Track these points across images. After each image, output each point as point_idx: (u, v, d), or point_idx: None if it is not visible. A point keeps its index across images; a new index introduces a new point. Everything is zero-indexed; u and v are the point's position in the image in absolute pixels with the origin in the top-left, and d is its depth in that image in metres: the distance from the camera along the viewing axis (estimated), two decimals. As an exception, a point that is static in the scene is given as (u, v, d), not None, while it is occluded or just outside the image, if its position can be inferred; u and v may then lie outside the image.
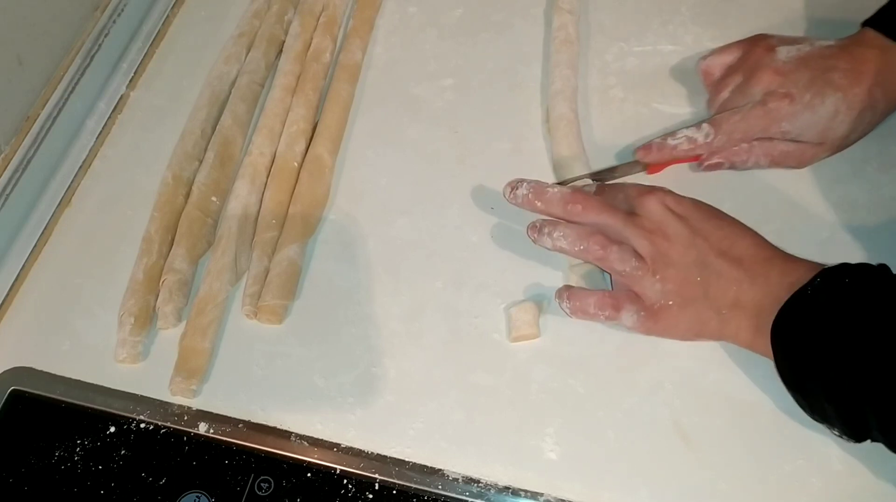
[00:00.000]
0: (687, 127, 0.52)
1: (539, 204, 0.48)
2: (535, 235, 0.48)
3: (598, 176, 0.54)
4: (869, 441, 0.41)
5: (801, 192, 0.53)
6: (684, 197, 0.47)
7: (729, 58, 0.55)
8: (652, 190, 0.47)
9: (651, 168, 0.54)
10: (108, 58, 0.61)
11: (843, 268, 0.42)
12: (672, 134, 0.52)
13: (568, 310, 0.48)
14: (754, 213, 0.48)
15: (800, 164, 0.53)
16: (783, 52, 0.51)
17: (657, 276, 0.46)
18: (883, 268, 0.42)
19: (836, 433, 0.42)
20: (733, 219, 0.47)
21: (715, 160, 0.53)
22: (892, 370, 0.38)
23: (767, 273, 0.44)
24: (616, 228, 0.46)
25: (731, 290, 0.45)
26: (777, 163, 0.53)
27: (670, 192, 0.47)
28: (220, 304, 0.50)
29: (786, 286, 0.43)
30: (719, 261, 0.45)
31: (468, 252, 0.53)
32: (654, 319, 0.46)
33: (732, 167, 0.53)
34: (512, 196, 0.49)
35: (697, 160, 0.54)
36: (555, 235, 0.47)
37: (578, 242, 0.47)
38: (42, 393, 0.48)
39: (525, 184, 0.48)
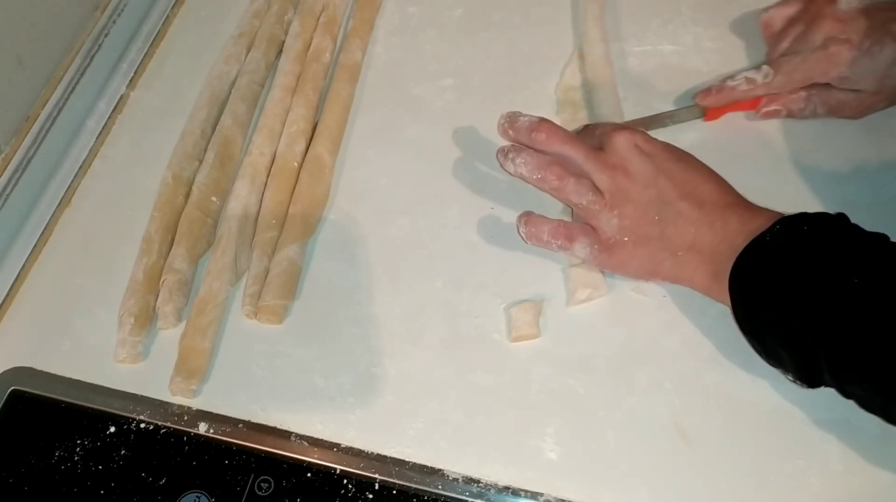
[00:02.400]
0: (746, 69, 0.54)
1: (511, 132, 0.49)
2: (502, 159, 0.49)
3: (655, 119, 0.55)
4: (822, 386, 0.42)
5: (801, 192, 0.53)
6: (655, 139, 0.48)
7: (790, 10, 0.56)
8: (624, 127, 0.48)
9: (709, 114, 0.55)
10: (108, 58, 0.61)
11: (802, 216, 0.42)
12: (731, 76, 0.54)
13: (524, 236, 0.48)
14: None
15: (856, 114, 0.54)
16: (844, 3, 0.52)
17: (614, 212, 0.46)
18: (841, 216, 0.42)
19: (790, 378, 0.43)
20: (702, 164, 0.47)
21: (773, 107, 0.54)
22: (845, 317, 0.38)
23: (726, 218, 0.44)
24: (578, 161, 0.47)
25: (689, 233, 0.45)
26: (834, 112, 0.54)
27: (643, 132, 0.48)
28: (220, 304, 0.50)
29: (744, 233, 0.43)
30: (680, 203, 0.45)
31: (468, 252, 0.53)
32: (608, 253, 0.47)
33: (790, 115, 0.54)
34: (497, 127, 0.50)
35: (755, 107, 0.55)
36: (517, 161, 0.48)
37: (536, 171, 0.47)
38: (42, 393, 0.48)
39: (505, 114, 0.50)
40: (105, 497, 0.44)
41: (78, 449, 0.46)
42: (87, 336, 0.50)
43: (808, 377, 0.41)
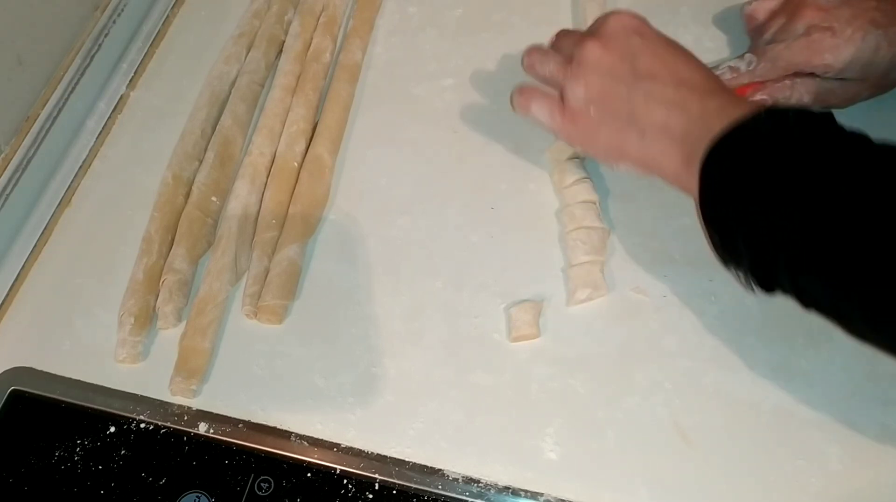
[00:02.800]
0: (729, 59, 0.54)
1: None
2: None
3: None
4: (776, 289, 0.40)
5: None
6: (652, 28, 0.47)
7: (773, 2, 0.56)
8: (622, 11, 0.47)
9: None
10: (108, 58, 0.61)
11: (788, 109, 0.41)
12: (715, 66, 0.53)
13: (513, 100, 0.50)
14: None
15: (843, 103, 0.53)
16: None
17: (580, 81, 0.45)
18: (828, 115, 0.40)
19: (742, 278, 0.41)
20: (696, 58, 0.46)
21: (758, 96, 0.54)
22: (814, 210, 0.37)
23: (705, 102, 0.42)
24: (559, 44, 0.49)
25: (660, 112, 0.43)
26: (821, 101, 0.53)
27: (642, 18, 0.47)
28: (220, 304, 0.50)
29: (723, 118, 0.41)
30: (655, 82, 0.44)
31: (468, 252, 0.53)
32: (571, 122, 0.46)
33: (776, 104, 0.54)
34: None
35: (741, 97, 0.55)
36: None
37: (525, 60, 0.50)
38: (42, 393, 0.48)
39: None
40: (105, 497, 0.44)
41: (78, 449, 0.46)
42: (87, 336, 0.50)
43: (763, 273, 0.40)
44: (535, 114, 0.48)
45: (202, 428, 0.46)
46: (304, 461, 0.45)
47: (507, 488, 0.44)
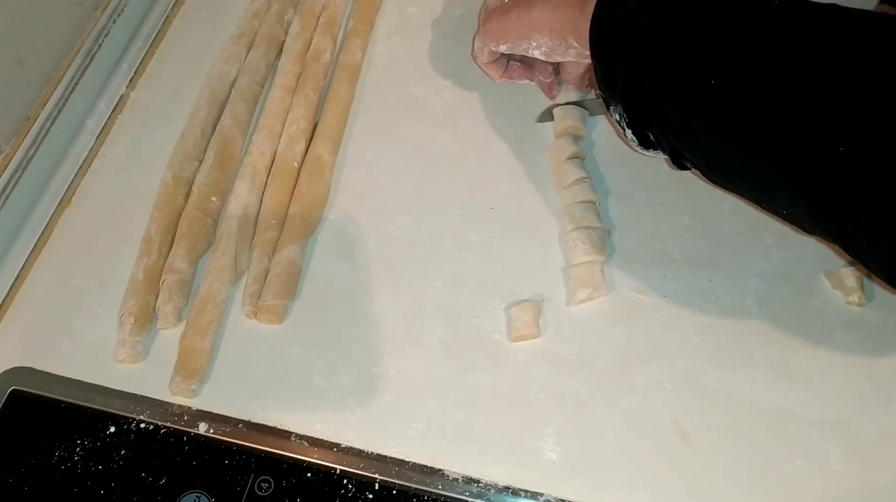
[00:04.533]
0: None
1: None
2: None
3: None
4: (647, 129, 0.44)
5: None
6: None
7: None
8: None
9: None
10: (108, 58, 0.61)
11: None
12: None
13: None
14: (754, 213, 0.48)
15: None
16: None
17: None
18: None
19: (617, 117, 0.45)
20: None
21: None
22: (676, 35, 0.41)
23: None
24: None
25: None
26: None
27: None
28: (220, 304, 0.50)
29: None
30: None
31: (468, 252, 0.53)
32: (489, 21, 0.53)
33: None
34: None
35: None
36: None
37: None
38: (42, 393, 0.48)
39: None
40: (105, 497, 0.44)
41: (78, 449, 0.46)
42: (87, 336, 0.50)
43: (632, 101, 0.43)
44: (475, 49, 0.56)
45: (202, 428, 0.46)
46: (304, 461, 0.45)
47: (507, 488, 0.44)
